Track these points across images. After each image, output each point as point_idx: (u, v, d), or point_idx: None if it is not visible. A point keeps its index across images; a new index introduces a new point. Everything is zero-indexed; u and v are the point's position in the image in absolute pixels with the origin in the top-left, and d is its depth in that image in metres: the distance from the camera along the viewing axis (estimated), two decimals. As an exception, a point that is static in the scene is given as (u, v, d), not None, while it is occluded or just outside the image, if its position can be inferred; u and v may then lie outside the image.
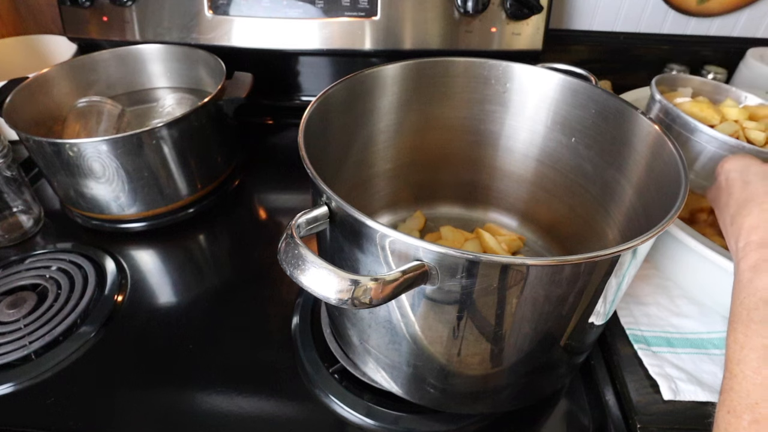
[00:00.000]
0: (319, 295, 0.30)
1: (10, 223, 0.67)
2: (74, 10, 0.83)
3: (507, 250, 0.59)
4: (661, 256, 0.57)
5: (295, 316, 0.56)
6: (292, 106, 0.93)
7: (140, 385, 0.50)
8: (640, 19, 0.93)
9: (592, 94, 0.50)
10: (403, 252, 0.33)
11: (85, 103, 0.74)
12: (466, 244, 0.59)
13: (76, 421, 0.47)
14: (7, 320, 0.55)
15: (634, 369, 0.48)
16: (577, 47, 0.95)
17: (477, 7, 0.76)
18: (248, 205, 0.74)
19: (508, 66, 0.54)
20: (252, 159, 0.83)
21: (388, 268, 0.34)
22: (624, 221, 0.48)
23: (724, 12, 0.90)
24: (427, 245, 0.31)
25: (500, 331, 0.36)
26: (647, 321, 0.53)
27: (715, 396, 0.45)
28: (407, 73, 0.54)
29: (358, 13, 0.79)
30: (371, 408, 0.47)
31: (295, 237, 0.32)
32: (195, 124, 0.67)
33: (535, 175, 0.59)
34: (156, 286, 0.61)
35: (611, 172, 0.50)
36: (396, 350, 0.41)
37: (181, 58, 0.80)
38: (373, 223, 0.33)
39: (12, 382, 0.50)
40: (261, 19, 0.80)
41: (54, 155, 0.61)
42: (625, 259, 0.35)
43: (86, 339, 0.54)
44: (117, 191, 0.65)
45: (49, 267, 0.62)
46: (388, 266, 0.35)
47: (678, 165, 0.39)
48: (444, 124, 0.59)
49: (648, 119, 0.45)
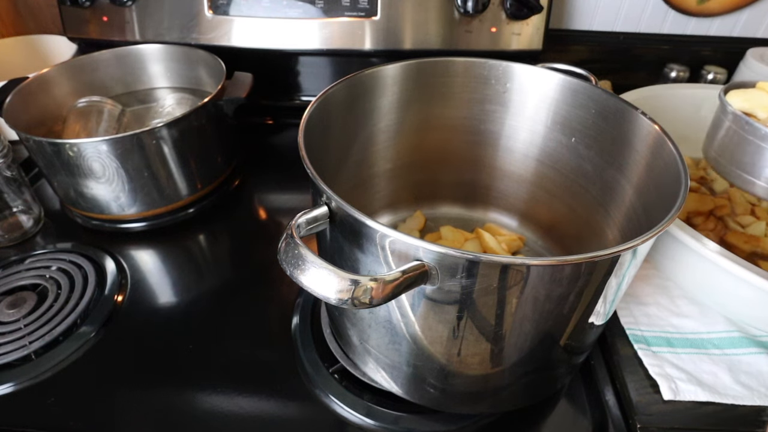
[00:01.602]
0: (319, 295, 0.30)
1: (10, 223, 0.67)
2: (74, 10, 0.83)
3: (507, 250, 0.59)
4: (661, 256, 0.57)
5: (295, 316, 0.56)
6: (292, 106, 0.93)
7: (140, 385, 0.50)
8: (640, 19, 0.93)
9: (592, 94, 0.50)
10: (403, 252, 0.33)
11: (85, 103, 0.74)
12: (466, 244, 0.59)
13: (76, 421, 0.47)
14: (7, 320, 0.55)
15: (634, 369, 0.48)
16: (577, 47, 0.95)
17: (477, 7, 0.76)
18: (248, 205, 0.74)
19: (508, 66, 0.54)
20: (252, 159, 0.83)
21: (388, 268, 0.35)
22: (624, 221, 0.48)
23: (724, 12, 0.90)
24: (427, 245, 0.31)
25: (500, 331, 0.36)
26: (647, 321, 0.53)
27: (714, 396, 0.45)
28: (407, 73, 0.54)
29: (358, 13, 0.79)
30: (371, 408, 0.47)
31: (295, 237, 0.32)
32: (195, 124, 0.67)
33: (535, 175, 0.59)
34: (156, 286, 0.61)
35: (611, 172, 0.50)
36: (396, 350, 0.41)
37: (181, 58, 0.80)
38: (373, 223, 0.33)
39: (12, 382, 0.50)
40: (261, 19, 0.80)
41: (54, 155, 0.61)
42: (625, 259, 0.35)
43: (86, 339, 0.54)
44: (117, 191, 0.65)
45: (49, 267, 0.62)
46: (388, 266, 0.35)
47: (678, 165, 0.39)
48: (444, 124, 0.59)
49: (648, 119, 0.45)
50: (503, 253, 0.58)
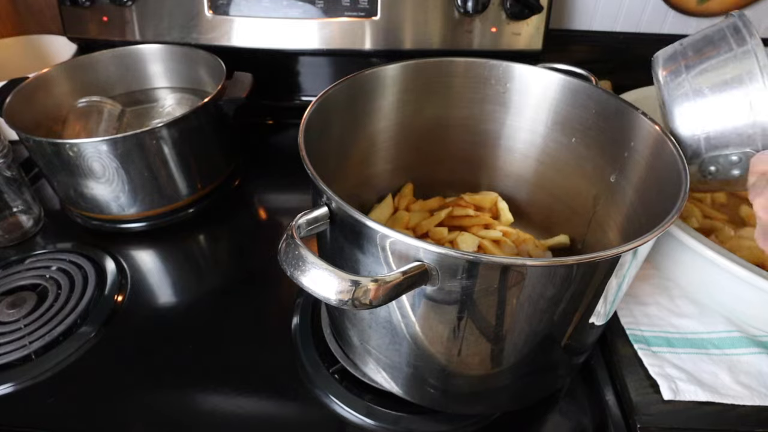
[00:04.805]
0: (320, 296, 0.30)
1: (10, 223, 0.67)
2: (74, 10, 0.83)
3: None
4: (661, 256, 0.57)
5: (295, 316, 0.56)
6: (292, 106, 0.93)
7: (140, 385, 0.50)
8: (640, 19, 0.93)
9: (592, 94, 0.50)
10: (403, 253, 0.33)
11: (85, 103, 0.73)
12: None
13: (76, 421, 0.47)
14: (7, 320, 0.55)
15: (634, 369, 0.48)
16: (577, 47, 0.95)
17: (477, 7, 0.76)
18: (248, 206, 0.74)
19: (508, 66, 0.54)
20: (252, 159, 0.83)
21: (388, 269, 0.35)
22: (624, 221, 0.48)
23: (724, 12, 0.90)
24: (427, 246, 0.31)
25: (500, 331, 0.36)
26: (647, 321, 0.53)
27: (714, 396, 0.46)
28: (407, 73, 0.54)
29: (358, 13, 0.79)
30: (371, 408, 0.47)
31: (296, 238, 0.32)
32: (195, 124, 0.66)
33: (535, 175, 0.59)
34: (156, 286, 0.61)
35: (611, 172, 0.50)
36: (396, 350, 0.41)
37: (181, 58, 0.80)
38: (374, 224, 0.33)
39: (12, 382, 0.50)
40: (261, 19, 0.80)
41: (54, 155, 0.61)
42: (625, 260, 0.35)
43: (86, 339, 0.54)
44: (117, 191, 0.65)
45: (49, 267, 0.62)
46: (389, 267, 0.35)
47: (678, 165, 0.39)
48: (444, 124, 0.59)
49: (648, 119, 0.45)
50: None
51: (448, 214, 0.60)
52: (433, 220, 0.59)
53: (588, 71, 0.53)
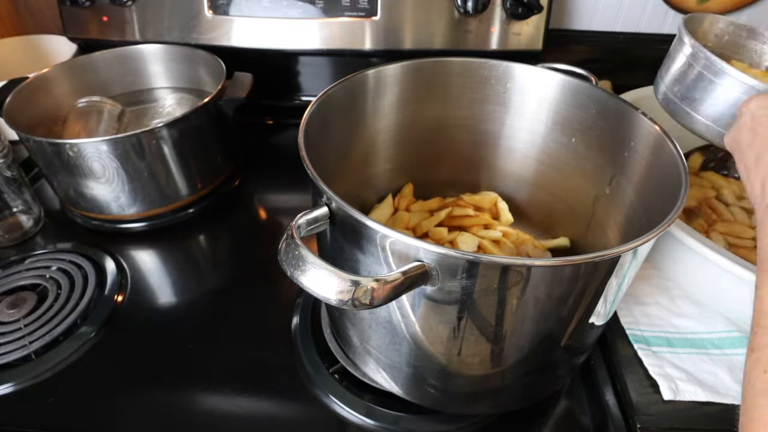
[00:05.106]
0: (320, 296, 0.30)
1: (10, 223, 0.67)
2: (74, 10, 0.83)
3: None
4: (661, 256, 0.57)
5: (295, 316, 0.56)
6: (292, 106, 0.93)
7: (140, 385, 0.50)
8: (640, 19, 0.93)
9: (592, 94, 0.50)
10: (403, 253, 0.33)
11: (85, 103, 0.74)
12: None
13: (76, 421, 0.47)
14: (7, 320, 0.55)
15: (634, 369, 0.48)
16: (577, 47, 0.95)
17: (477, 7, 0.76)
18: (248, 206, 0.74)
19: (508, 66, 0.54)
20: (252, 159, 0.83)
21: (388, 269, 0.35)
22: (624, 221, 0.48)
23: (724, 12, 0.90)
24: (427, 246, 0.31)
25: (500, 331, 0.36)
26: (647, 321, 0.53)
27: (714, 396, 0.45)
28: (407, 73, 0.54)
29: (358, 13, 0.79)
30: (371, 408, 0.47)
31: (296, 238, 0.32)
32: (195, 124, 0.66)
33: (535, 175, 0.59)
34: (156, 286, 0.61)
35: (611, 172, 0.50)
36: (396, 350, 0.41)
37: (181, 58, 0.80)
38: (374, 224, 0.33)
39: (12, 382, 0.50)
40: (261, 19, 0.80)
41: (54, 155, 0.61)
42: (625, 260, 0.35)
43: (86, 339, 0.54)
44: (117, 191, 0.65)
45: (49, 267, 0.62)
46: (389, 267, 0.35)
47: (678, 165, 0.39)
48: (444, 124, 0.59)
49: (648, 119, 0.45)
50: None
51: (447, 215, 0.60)
52: (433, 221, 0.59)
53: (588, 71, 0.53)
